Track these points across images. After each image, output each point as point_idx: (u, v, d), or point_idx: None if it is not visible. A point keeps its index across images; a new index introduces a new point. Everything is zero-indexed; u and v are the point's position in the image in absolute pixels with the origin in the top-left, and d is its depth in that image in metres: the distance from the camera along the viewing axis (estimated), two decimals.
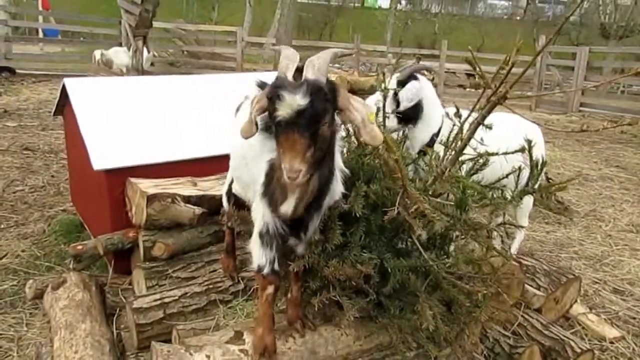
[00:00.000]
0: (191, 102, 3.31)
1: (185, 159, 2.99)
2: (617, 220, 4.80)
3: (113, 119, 3.01)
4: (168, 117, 3.17)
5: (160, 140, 3.01)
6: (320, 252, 1.81)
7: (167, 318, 2.32)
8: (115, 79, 3.61)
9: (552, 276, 2.94)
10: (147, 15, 8.96)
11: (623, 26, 23.20)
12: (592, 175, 6.49)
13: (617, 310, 3.16)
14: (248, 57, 15.60)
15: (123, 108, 3.12)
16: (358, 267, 1.71)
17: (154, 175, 2.86)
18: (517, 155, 2.07)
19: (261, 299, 1.90)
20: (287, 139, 1.48)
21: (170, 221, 2.65)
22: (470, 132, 1.80)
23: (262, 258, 1.84)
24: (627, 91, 17.64)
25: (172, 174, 2.93)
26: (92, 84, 3.27)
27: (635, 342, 2.84)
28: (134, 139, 2.96)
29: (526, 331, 2.60)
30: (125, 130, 2.98)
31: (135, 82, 3.57)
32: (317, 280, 1.90)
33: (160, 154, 2.94)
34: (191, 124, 3.15)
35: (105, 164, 2.78)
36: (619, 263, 3.85)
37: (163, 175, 2.89)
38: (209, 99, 3.29)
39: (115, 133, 2.94)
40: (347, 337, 2.03)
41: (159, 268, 2.66)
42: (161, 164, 2.92)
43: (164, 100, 3.27)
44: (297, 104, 1.46)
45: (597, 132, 9.74)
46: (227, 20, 24.14)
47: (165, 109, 3.21)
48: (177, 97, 3.33)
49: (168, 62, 14.90)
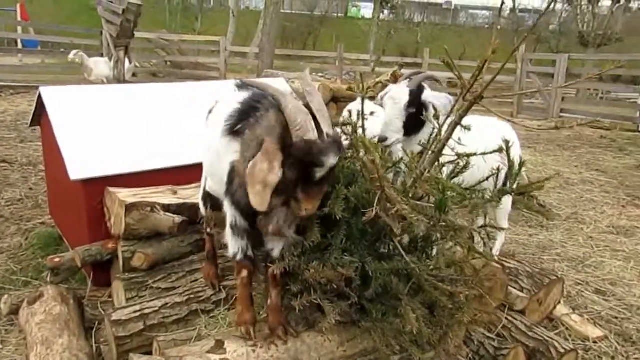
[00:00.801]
0: (169, 110, 3.28)
1: (164, 167, 2.96)
2: (598, 222, 4.85)
3: (90, 128, 2.97)
4: (146, 125, 3.13)
5: (138, 148, 2.97)
6: (300, 255, 1.80)
7: (148, 330, 2.27)
8: (93, 87, 3.56)
9: (535, 278, 2.95)
10: (129, 26, 8.90)
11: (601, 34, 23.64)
12: (573, 179, 6.56)
13: (599, 310, 3.18)
14: (232, 67, 15.59)
15: (101, 117, 3.07)
16: (339, 270, 1.69)
17: (133, 184, 2.82)
18: (495, 156, 2.07)
19: (238, 281, 2.08)
20: (313, 191, 1.67)
21: (150, 230, 2.61)
22: (448, 132, 1.81)
23: (235, 247, 1.99)
24: (606, 97, 17.96)
25: (152, 182, 2.89)
26: (68, 92, 3.22)
27: (618, 341, 2.86)
28: (112, 148, 2.92)
29: (510, 333, 2.60)
30: (103, 139, 2.94)
31: (113, 91, 3.52)
32: (298, 284, 1.88)
33: (139, 163, 2.90)
34: (170, 132, 3.12)
35: (82, 173, 2.73)
36: (600, 264, 3.88)
37: (142, 185, 2.84)
38: (187, 107, 3.27)
39: (92, 142, 2.89)
40: (331, 343, 2.00)
41: (138, 279, 2.61)
42: (140, 173, 2.88)
43: (142, 109, 3.24)
44: (331, 164, 1.63)
45: (576, 136, 9.88)
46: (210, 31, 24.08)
47: (144, 117, 3.18)
48: (155, 105, 3.30)
49: (151, 72, 14.82)
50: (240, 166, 1.80)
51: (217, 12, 30.88)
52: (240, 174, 1.80)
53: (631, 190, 6.13)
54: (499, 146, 1.98)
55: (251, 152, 1.73)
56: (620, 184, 6.40)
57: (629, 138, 10.06)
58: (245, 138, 1.80)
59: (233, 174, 1.85)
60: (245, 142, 1.80)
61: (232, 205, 1.91)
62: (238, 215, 1.92)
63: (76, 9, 28.15)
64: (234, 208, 1.91)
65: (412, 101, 2.74)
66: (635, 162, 7.69)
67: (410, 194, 1.76)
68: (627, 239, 4.43)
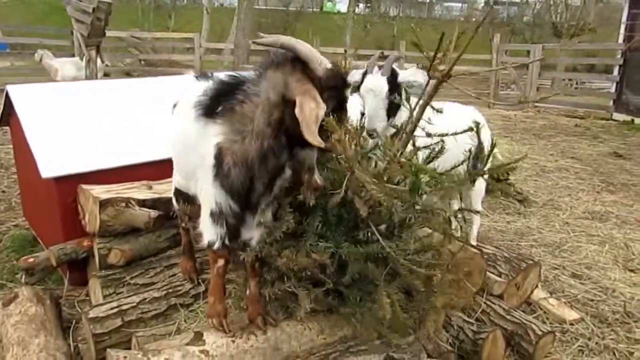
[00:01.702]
0: (141, 105, 3.23)
1: (138, 162, 2.92)
2: (573, 208, 4.93)
3: (61, 125, 2.91)
4: (118, 121, 3.08)
5: (111, 144, 2.93)
6: (273, 242, 1.79)
7: (126, 326, 2.24)
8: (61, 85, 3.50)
9: (512, 263, 2.99)
10: (100, 24, 8.73)
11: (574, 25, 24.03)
12: (549, 166, 6.65)
13: (575, 293, 3.24)
14: (207, 64, 15.44)
15: (71, 114, 3.02)
16: (313, 256, 1.69)
17: (107, 181, 2.78)
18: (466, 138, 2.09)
19: (213, 270, 2.04)
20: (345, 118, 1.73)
21: (126, 226, 2.58)
22: (418, 113, 1.81)
23: (214, 235, 1.94)
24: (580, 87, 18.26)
25: (127, 178, 2.85)
26: (37, 90, 3.15)
27: (594, 322, 2.92)
28: (84, 144, 2.87)
29: (489, 317, 2.63)
30: (74, 136, 2.88)
31: (82, 87, 3.46)
32: (273, 272, 1.88)
33: (113, 159, 2.86)
34: (142, 126, 3.08)
35: (54, 171, 2.68)
36: (576, 249, 3.95)
37: (117, 181, 2.80)
38: (159, 101, 3.23)
39: (64, 139, 2.84)
40: (311, 331, 2.01)
41: (115, 276, 2.57)
42: (114, 169, 2.84)
43: (113, 104, 3.18)
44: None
45: (551, 125, 10.03)
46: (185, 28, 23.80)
47: (115, 113, 3.13)
48: (126, 100, 3.25)
49: (124, 71, 14.61)
50: (232, 145, 1.77)
51: (190, 10, 30.56)
52: (235, 152, 1.77)
53: (605, 176, 6.25)
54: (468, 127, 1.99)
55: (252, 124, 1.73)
56: (595, 171, 6.52)
57: (602, 126, 10.26)
58: (228, 117, 1.79)
59: (221, 155, 1.80)
60: (230, 121, 1.78)
61: (222, 189, 1.84)
62: (227, 199, 1.86)
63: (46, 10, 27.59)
64: (224, 192, 1.84)
65: (391, 89, 2.75)
66: (609, 149, 7.83)
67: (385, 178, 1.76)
68: (601, 224, 4.51)
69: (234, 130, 1.77)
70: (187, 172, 2.13)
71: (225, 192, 1.85)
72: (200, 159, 1.88)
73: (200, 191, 1.98)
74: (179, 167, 2.30)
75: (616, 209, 4.95)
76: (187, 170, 2.11)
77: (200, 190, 1.97)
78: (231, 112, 1.78)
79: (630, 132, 9.51)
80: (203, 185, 1.93)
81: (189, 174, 2.10)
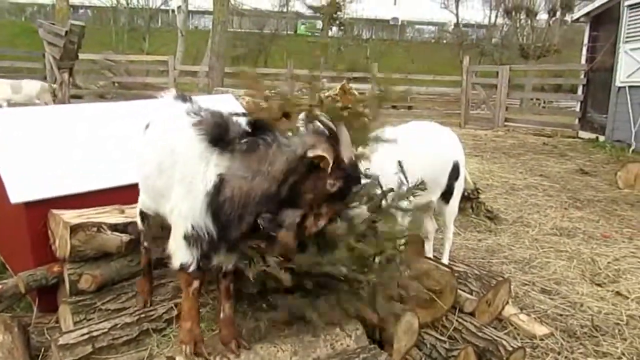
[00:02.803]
0: (112, 128, 3.22)
1: (110, 186, 2.90)
2: (542, 225, 5.05)
3: (30, 150, 2.89)
4: (90, 145, 3.07)
5: (82, 169, 2.90)
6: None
7: (97, 352, 2.20)
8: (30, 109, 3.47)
9: (483, 280, 3.05)
10: (72, 47, 8.73)
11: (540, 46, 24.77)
12: (518, 184, 6.81)
13: (545, 308, 3.31)
14: (182, 86, 15.43)
15: (41, 138, 3.00)
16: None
17: (78, 205, 2.75)
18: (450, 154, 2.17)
19: (187, 294, 2.03)
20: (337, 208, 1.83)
21: (97, 251, 2.55)
22: None
23: (189, 257, 1.94)
24: (548, 106, 18.79)
25: (99, 203, 2.82)
26: (6, 115, 3.13)
27: (563, 337, 2.98)
28: (55, 169, 2.84)
29: (461, 335, 2.67)
30: (44, 161, 2.86)
31: (53, 111, 3.44)
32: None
33: (84, 183, 2.84)
34: (113, 150, 3.07)
35: (24, 196, 2.65)
36: (545, 264, 4.04)
37: (88, 205, 2.78)
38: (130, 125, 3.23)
39: (33, 164, 2.81)
40: (284, 353, 2.01)
41: (86, 301, 2.54)
42: (85, 194, 2.81)
43: (84, 128, 3.17)
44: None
45: (520, 143, 10.27)
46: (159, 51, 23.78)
47: (86, 137, 3.11)
48: (97, 124, 3.24)
49: (98, 94, 14.48)
50: (236, 180, 1.79)
51: (165, 32, 30.57)
52: (237, 187, 1.78)
53: (572, 193, 6.42)
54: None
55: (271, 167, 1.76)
56: (562, 188, 6.70)
57: (569, 144, 10.57)
58: (247, 154, 1.80)
59: (221, 186, 1.81)
60: (247, 158, 1.80)
61: (211, 217, 1.84)
62: (211, 227, 1.86)
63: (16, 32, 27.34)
64: (210, 220, 1.85)
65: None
66: (575, 167, 8.06)
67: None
68: (569, 240, 4.63)
69: (247, 167, 1.78)
70: (160, 191, 2.09)
71: (212, 221, 1.85)
72: (187, 180, 1.88)
73: (171, 212, 1.97)
74: (148, 187, 2.26)
75: (583, 224, 5.09)
76: (160, 188, 2.08)
77: (172, 211, 1.96)
78: (253, 150, 1.80)
79: (595, 150, 9.82)
80: (178, 207, 1.93)
81: (162, 193, 2.07)
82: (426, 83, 16.33)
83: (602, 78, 11.06)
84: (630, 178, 6.67)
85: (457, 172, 3.18)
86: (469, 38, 34.18)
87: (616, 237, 4.74)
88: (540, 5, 27.18)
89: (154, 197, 2.19)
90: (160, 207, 2.13)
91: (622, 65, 10.13)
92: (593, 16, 12.06)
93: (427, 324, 2.63)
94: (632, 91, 9.83)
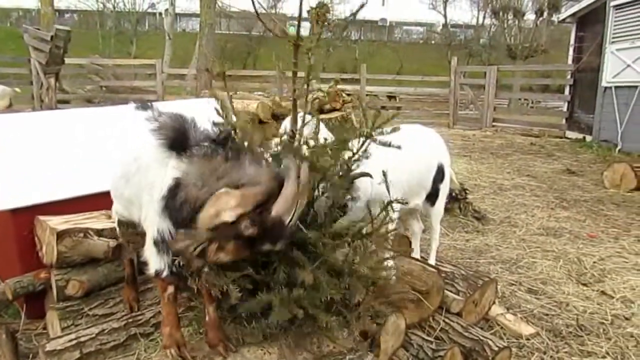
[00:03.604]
0: (98, 133, 3.21)
1: (96, 192, 2.89)
2: (529, 225, 5.10)
3: (15, 156, 2.88)
4: (75, 150, 3.06)
5: (68, 174, 2.90)
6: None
7: (84, 358, 2.20)
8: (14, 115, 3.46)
9: (469, 280, 3.07)
10: (58, 52, 8.68)
11: (527, 47, 25.00)
12: (505, 184, 6.87)
13: (532, 308, 3.33)
14: (169, 90, 15.41)
15: (26, 144, 2.98)
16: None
17: (65, 211, 2.75)
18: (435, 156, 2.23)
19: (163, 299, 2.05)
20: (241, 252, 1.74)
21: (84, 256, 2.56)
22: None
23: (160, 263, 1.96)
24: (536, 106, 18.95)
25: (85, 208, 2.83)
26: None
27: (549, 337, 3.01)
28: (40, 175, 2.84)
29: (448, 335, 2.69)
30: (30, 167, 2.85)
31: (38, 117, 3.43)
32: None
33: (70, 189, 2.84)
34: (98, 155, 3.06)
35: (9, 203, 2.65)
36: (532, 264, 4.08)
37: (75, 211, 2.78)
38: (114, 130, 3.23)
39: (19, 170, 2.81)
40: (271, 356, 2.03)
41: (74, 307, 2.54)
42: (71, 199, 2.82)
43: (68, 134, 3.16)
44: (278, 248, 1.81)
45: (508, 143, 10.35)
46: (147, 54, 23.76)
47: (72, 142, 3.11)
48: (83, 129, 3.23)
49: (85, 98, 14.40)
50: (188, 186, 1.78)
51: (152, 35, 30.50)
52: (189, 192, 1.77)
53: (559, 193, 6.49)
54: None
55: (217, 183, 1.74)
56: (549, 188, 6.76)
57: (556, 144, 10.67)
58: (203, 162, 1.79)
59: (177, 189, 1.81)
60: (201, 166, 1.79)
61: (169, 219, 1.85)
62: (170, 229, 1.87)
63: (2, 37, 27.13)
64: (169, 221, 1.86)
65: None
66: (562, 167, 8.14)
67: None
68: (556, 240, 4.68)
69: (200, 175, 1.78)
70: (129, 199, 2.11)
71: (171, 223, 1.86)
72: (149, 186, 1.90)
73: (144, 219, 1.99)
74: (117, 194, 2.26)
75: (569, 224, 5.15)
76: (129, 197, 2.10)
77: (145, 217, 1.98)
78: (210, 160, 1.80)
79: (582, 150, 9.92)
80: (145, 213, 1.95)
81: (131, 201, 2.09)
82: (415, 84, 16.40)
83: (589, 78, 11.18)
84: (617, 178, 6.75)
85: (442, 174, 3.21)
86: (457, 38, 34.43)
87: (602, 236, 4.79)
88: (528, 6, 27.46)
89: (125, 205, 2.21)
90: (133, 215, 2.15)
91: (608, 66, 10.25)
92: (579, 17, 12.18)
93: (414, 324, 2.65)
94: (618, 91, 9.95)
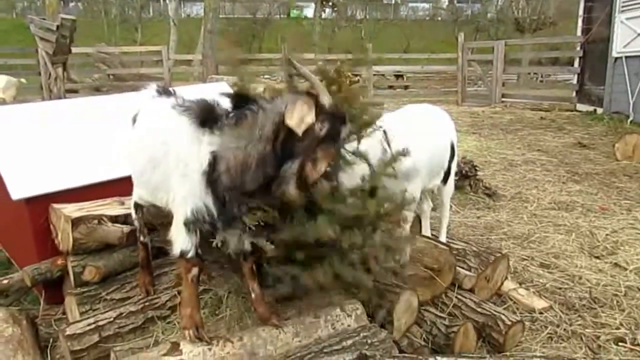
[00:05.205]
0: (109, 121, 3.24)
1: (109, 179, 2.93)
2: (540, 199, 5.08)
3: (28, 146, 2.91)
4: (87, 138, 3.09)
5: (81, 162, 2.93)
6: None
7: (103, 341, 2.26)
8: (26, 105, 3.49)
9: (481, 257, 3.08)
10: (65, 42, 8.69)
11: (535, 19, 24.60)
12: (516, 160, 6.83)
13: (544, 282, 3.34)
14: (177, 76, 15.39)
15: (37, 133, 3.02)
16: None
17: (78, 199, 2.78)
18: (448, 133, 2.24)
19: (186, 281, 2.07)
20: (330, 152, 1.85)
21: (99, 243, 2.59)
22: None
23: (188, 243, 2.00)
24: (545, 80, 18.69)
25: (98, 196, 2.86)
26: (3, 112, 3.14)
27: (562, 310, 3.02)
28: (54, 164, 2.87)
29: (461, 311, 2.72)
30: (42, 156, 2.88)
31: (50, 107, 3.46)
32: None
33: (83, 177, 2.87)
34: (110, 143, 3.09)
35: (24, 192, 2.68)
36: (544, 239, 4.07)
37: (88, 199, 2.81)
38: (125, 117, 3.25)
39: (32, 160, 2.84)
40: (286, 335, 2.06)
41: (91, 292, 2.58)
42: (85, 187, 2.85)
43: (79, 122, 3.18)
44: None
45: (518, 119, 10.26)
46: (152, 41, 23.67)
47: (84, 131, 3.13)
48: (94, 117, 3.25)
49: (93, 87, 14.44)
50: (230, 152, 1.85)
51: (157, 22, 30.39)
52: (232, 159, 1.85)
53: (570, 167, 6.44)
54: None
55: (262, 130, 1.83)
56: (560, 162, 6.71)
57: (567, 117, 10.54)
58: (236, 124, 1.88)
59: (215, 162, 1.88)
60: (237, 127, 1.87)
61: (210, 194, 1.92)
62: (210, 204, 1.93)
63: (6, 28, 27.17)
64: (210, 196, 1.93)
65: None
66: (573, 140, 8.06)
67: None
68: (567, 214, 4.67)
69: (239, 137, 1.85)
70: (156, 185, 2.15)
71: (212, 199, 1.93)
72: (182, 165, 1.95)
73: (173, 201, 2.03)
74: (143, 180, 2.31)
75: (581, 198, 5.12)
76: (156, 183, 2.14)
77: (173, 199, 2.02)
78: (241, 121, 1.87)
79: (593, 122, 9.80)
80: (178, 193, 1.99)
81: (158, 186, 2.13)
82: (422, 62, 16.28)
83: (599, 49, 10.99)
84: (629, 149, 6.68)
85: (453, 152, 3.21)
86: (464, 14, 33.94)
87: (614, 209, 4.77)
88: None
89: (152, 191, 2.24)
90: (157, 200, 2.20)
91: (618, 36, 10.06)
92: None
93: (426, 301, 2.68)
94: (629, 61, 9.78)
